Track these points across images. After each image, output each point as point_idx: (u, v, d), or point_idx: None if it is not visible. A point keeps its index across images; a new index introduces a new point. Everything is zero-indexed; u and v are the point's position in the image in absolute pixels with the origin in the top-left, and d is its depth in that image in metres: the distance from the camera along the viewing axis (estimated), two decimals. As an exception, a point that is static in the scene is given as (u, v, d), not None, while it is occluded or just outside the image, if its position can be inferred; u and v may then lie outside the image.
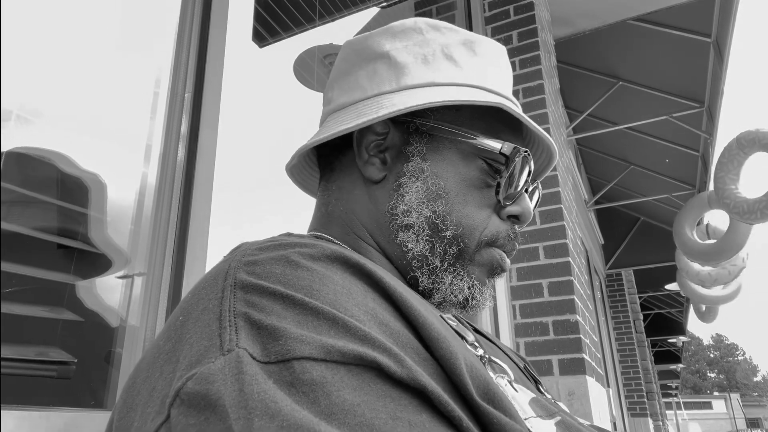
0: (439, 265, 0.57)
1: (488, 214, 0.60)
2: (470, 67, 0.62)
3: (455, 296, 0.58)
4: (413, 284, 0.59)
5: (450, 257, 0.57)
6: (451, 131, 0.60)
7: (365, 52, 0.65)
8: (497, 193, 0.59)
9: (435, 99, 0.57)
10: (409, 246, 0.58)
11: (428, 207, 0.58)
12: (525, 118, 0.59)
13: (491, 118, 0.61)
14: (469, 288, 0.58)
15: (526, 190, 0.63)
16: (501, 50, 0.68)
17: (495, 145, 0.59)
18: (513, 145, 0.59)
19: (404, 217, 0.58)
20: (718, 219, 5.91)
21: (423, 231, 0.57)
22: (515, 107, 0.61)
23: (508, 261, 0.61)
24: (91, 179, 1.04)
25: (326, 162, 0.66)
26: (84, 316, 0.97)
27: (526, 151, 0.60)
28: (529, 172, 0.61)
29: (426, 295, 0.59)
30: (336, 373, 0.33)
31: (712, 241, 5.50)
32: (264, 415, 0.30)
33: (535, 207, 0.68)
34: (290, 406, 0.31)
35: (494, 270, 0.60)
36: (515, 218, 0.62)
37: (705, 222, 5.93)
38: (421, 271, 0.58)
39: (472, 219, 0.58)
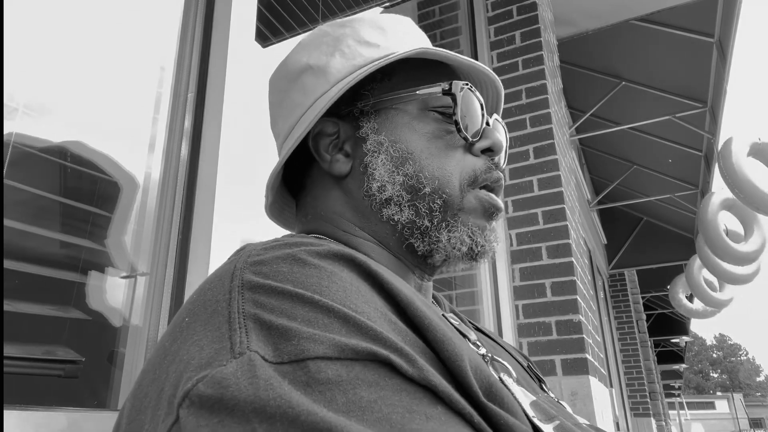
0: (428, 224, 0.58)
1: (459, 156, 0.60)
2: (386, 42, 0.64)
3: (458, 249, 0.58)
4: (411, 252, 0.59)
5: (437, 213, 0.57)
6: (392, 98, 0.61)
7: (288, 75, 0.66)
8: (459, 131, 0.60)
9: (362, 73, 0.59)
10: (396, 218, 0.58)
11: (399, 173, 0.58)
12: (451, 54, 0.61)
13: (424, 73, 0.62)
14: (469, 237, 0.58)
15: (488, 124, 0.63)
16: (406, 19, 0.70)
17: (435, 89, 0.60)
18: (451, 81, 0.60)
19: (380, 193, 0.58)
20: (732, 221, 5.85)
21: (403, 198, 0.58)
22: (440, 50, 0.62)
23: (498, 200, 0.61)
24: (125, 180, 1.04)
25: (296, 185, 0.67)
26: (89, 316, 0.98)
27: (465, 84, 0.60)
28: (481, 105, 0.62)
29: (426, 256, 0.59)
30: (351, 371, 0.33)
31: (746, 244, 5.42)
32: (284, 421, 0.30)
33: (506, 144, 0.69)
34: (307, 409, 0.31)
35: (488, 211, 0.60)
36: (489, 151, 0.62)
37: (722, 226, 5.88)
38: (413, 237, 0.58)
39: (444, 168, 0.58)
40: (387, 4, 2.69)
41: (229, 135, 1.13)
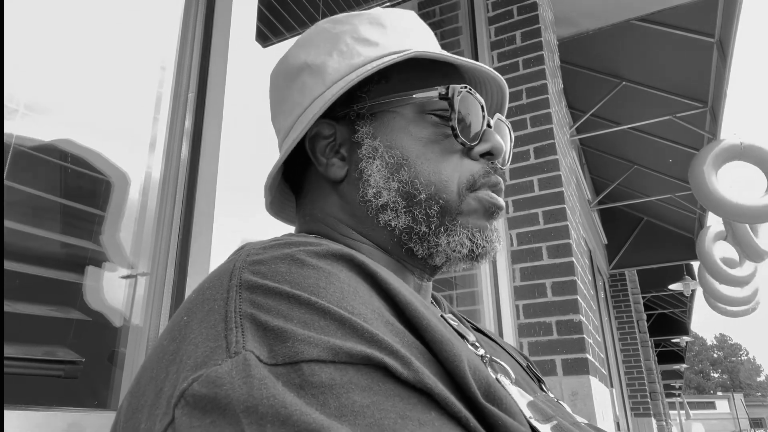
0: (426, 230, 0.57)
1: (457, 161, 0.58)
2: (385, 39, 0.62)
3: (458, 252, 0.57)
4: (411, 255, 0.59)
5: (435, 218, 0.57)
6: (388, 101, 0.59)
7: (288, 72, 0.65)
8: (456, 136, 0.58)
9: (358, 76, 0.57)
10: (393, 224, 0.57)
11: (394, 180, 0.57)
12: (448, 55, 0.59)
13: (423, 74, 0.61)
14: (470, 239, 0.57)
15: (489, 125, 0.61)
16: (409, 14, 0.69)
17: (431, 93, 0.58)
18: (448, 85, 0.58)
19: (376, 199, 0.58)
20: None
21: (399, 205, 0.57)
22: (438, 51, 0.60)
23: (499, 198, 0.60)
24: (116, 177, 1.04)
25: (296, 185, 0.66)
26: (89, 316, 0.98)
27: (464, 87, 0.58)
28: (482, 107, 0.60)
29: (427, 258, 0.58)
30: (344, 375, 0.33)
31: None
32: (275, 421, 0.30)
33: (510, 143, 0.67)
34: (300, 410, 0.31)
35: (489, 210, 0.58)
36: (489, 155, 0.60)
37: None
38: (412, 241, 0.58)
39: (440, 173, 0.57)
40: (387, 4, 2.69)
41: (229, 135, 1.13)
